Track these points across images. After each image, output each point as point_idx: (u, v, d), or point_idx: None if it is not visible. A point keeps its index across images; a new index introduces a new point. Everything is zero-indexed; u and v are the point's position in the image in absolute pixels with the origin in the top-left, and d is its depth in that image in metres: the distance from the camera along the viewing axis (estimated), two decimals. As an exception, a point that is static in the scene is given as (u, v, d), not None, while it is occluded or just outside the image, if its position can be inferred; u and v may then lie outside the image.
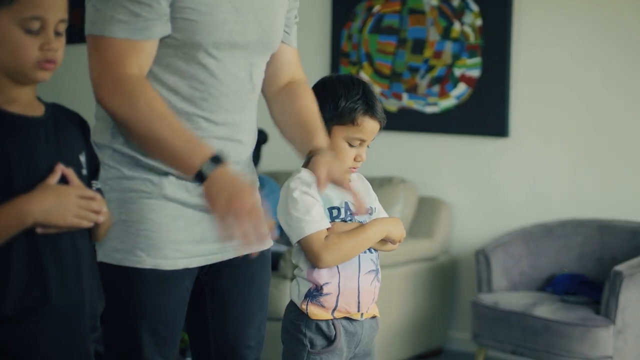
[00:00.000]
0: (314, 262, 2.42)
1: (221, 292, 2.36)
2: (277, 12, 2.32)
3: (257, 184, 2.44)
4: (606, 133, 4.54)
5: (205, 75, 2.20)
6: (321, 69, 5.25)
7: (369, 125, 2.47)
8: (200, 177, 2.08)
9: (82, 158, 1.95)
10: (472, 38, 4.82)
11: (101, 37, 2.11)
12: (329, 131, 2.46)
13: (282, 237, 4.92)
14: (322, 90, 2.52)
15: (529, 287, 4.42)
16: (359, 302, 2.52)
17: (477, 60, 4.81)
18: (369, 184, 2.65)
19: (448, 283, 4.83)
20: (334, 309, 2.52)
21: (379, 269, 2.58)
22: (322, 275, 2.50)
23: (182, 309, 2.29)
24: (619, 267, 3.90)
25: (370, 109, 2.48)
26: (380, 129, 2.51)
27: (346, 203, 2.49)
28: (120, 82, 2.11)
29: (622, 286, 3.86)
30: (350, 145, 2.48)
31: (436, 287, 4.71)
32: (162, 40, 2.17)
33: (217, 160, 2.09)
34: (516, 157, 4.77)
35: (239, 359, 2.42)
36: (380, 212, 2.61)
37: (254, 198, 2.06)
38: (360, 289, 2.52)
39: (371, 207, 2.55)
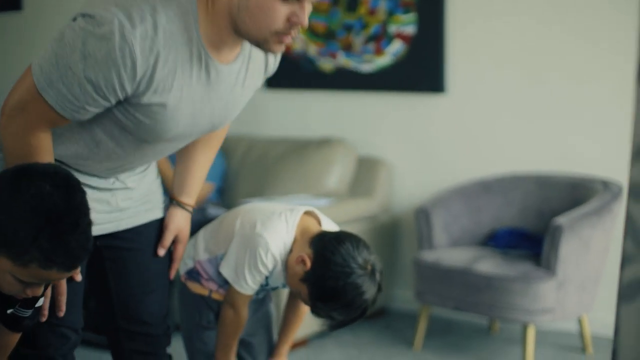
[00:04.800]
0: (228, 306, 2.49)
1: (119, 258, 2.39)
2: (236, 110, 2.25)
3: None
4: (543, 87, 4.54)
5: (136, 147, 2.16)
6: (255, 29, 5.18)
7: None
8: None
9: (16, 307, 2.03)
10: (406, -6, 4.77)
11: (38, 90, 1.99)
12: (305, 285, 2.39)
13: (221, 201, 4.88)
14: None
15: (470, 242, 4.42)
16: None
17: (412, 16, 4.76)
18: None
19: (389, 242, 4.82)
20: (210, 293, 2.57)
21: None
22: (206, 274, 2.51)
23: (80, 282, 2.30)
24: (559, 220, 3.91)
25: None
26: None
27: (278, 285, 2.52)
28: (28, 133, 2.03)
29: (562, 238, 3.87)
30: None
31: (377, 246, 4.69)
32: (106, 111, 2.07)
33: None
34: (453, 113, 4.75)
35: (143, 324, 2.45)
36: None
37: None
38: None
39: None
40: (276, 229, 2.42)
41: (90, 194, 2.21)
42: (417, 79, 4.79)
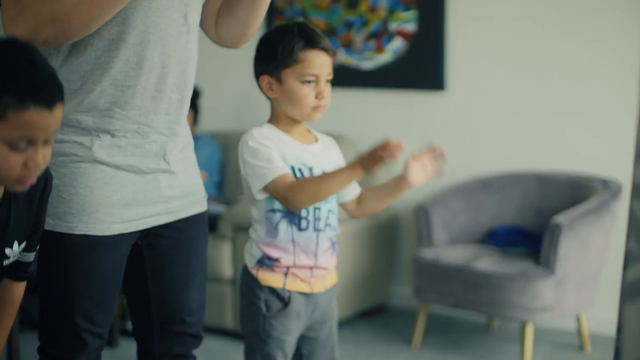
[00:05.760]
0: (285, 205, 2.45)
1: (160, 256, 2.33)
2: None
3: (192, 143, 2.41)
4: (543, 85, 4.54)
5: (139, 18, 2.14)
6: (255, 26, 5.17)
7: (314, 58, 2.46)
8: None
9: (14, 247, 1.98)
10: (407, -9, 4.77)
11: None
12: (280, 80, 2.48)
13: (221, 197, 4.88)
14: (263, 44, 2.52)
15: (468, 240, 4.42)
16: (309, 282, 2.55)
17: (412, 14, 4.76)
18: (335, 146, 2.66)
19: (388, 239, 4.82)
20: (285, 279, 2.51)
21: (335, 241, 2.59)
22: (275, 251, 2.49)
23: (117, 276, 2.26)
24: (558, 218, 3.92)
25: (309, 41, 2.46)
26: (332, 60, 2.50)
27: (300, 169, 2.48)
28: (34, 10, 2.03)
29: (561, 237, 3.87)
30: (306, 83, 2.47)
31: (376, 243, 4.70)
32: None
33: None
34: (453, 111, 4.75)
35: (181, 323, 2.40)
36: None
37: None
38: (315, 267, 2.53)
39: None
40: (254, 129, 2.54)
41: (136, 184, 2.21)
42: (417, 77, 4.80)
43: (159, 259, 2.33)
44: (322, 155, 2.57)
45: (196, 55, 2.32)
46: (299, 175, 2.48)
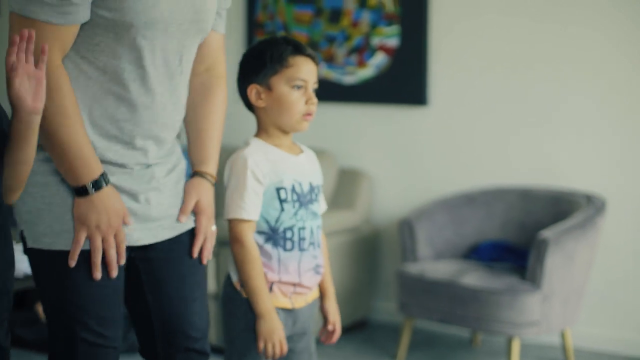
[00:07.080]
0: (230, 242, 2.50)
1: (155, 269, 2.33)
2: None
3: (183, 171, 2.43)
4: (526, 100, 4.56)
5: (136, 55, 2.16)
6: (235, 40, 5.15)
7: (302, 64, 2.51)
8: (81, 192, 2.13)
9: None
10: (389, 6, 4.77)
11: (24, 17, 2.04)
12: (269, 87, 2.50)
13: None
14: (250, 55, 2.57)
15: (453, 255, 4.42)
16: (291, 297, 2.57)
17: (395, 28, 4.77)
18: (317, 162, 2.69)
19: (371, 254, 4.81)
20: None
21: (321, 262, 2.59)
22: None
23: (117, 288, 2.24)
24: (544, 234, 3.93)
25: (296, 48, 2.52)
26: (316, 69, 2.55)
27: (293, 185, 2.49)
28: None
29: (547, 252, 3.89)
30: (296, 89, 2.50)
31: (359, 258, 4.69)
32: (92, 20, 2.10)
33: (103, 181, 2.14)
34: (436, 126, 4.76)
35: (185, 337, 2.37)
36: (321, 202, 2.66)
37: (120, 224, 2.16)
38: (299, 284, 2.54)
39: None
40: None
41: (126, 203, 2.21)
42: (399, 91, 4.80)
43: (155, 272, 2.33)
44: (307, 166, 2.61)
45: (186, 96, 2.34)
46: (294, 193, 2.51)
